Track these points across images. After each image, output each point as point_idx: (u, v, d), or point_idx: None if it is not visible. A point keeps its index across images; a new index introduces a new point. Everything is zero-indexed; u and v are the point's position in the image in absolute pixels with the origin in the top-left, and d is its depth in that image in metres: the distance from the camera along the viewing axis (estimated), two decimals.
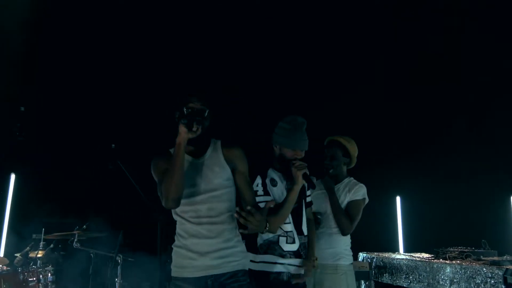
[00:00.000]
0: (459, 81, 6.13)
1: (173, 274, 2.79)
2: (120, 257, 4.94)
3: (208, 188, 2.74)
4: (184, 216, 2.76)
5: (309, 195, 3.56)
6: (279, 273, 3.16)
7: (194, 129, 2.57)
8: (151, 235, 5.86)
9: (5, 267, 4.72)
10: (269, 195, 3.22)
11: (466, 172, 5.79)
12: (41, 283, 4.75)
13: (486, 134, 5.74)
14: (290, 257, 3.21)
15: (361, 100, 6.44)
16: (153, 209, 5.74)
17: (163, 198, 2.64)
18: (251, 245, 3.19)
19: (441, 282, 4.38)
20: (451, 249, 4.71)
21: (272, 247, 3.20)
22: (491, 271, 3.99)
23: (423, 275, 4.63)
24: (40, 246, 5.05)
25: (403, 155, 5.94)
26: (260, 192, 3.23)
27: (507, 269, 3.88)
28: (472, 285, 4.10)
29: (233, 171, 2.84)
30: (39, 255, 4.97)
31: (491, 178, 5.60)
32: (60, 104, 6.19)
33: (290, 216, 3.23)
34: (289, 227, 3.24)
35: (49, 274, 4.84)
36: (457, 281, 4.23)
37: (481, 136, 5.80)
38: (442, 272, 4.40)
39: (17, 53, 5.80)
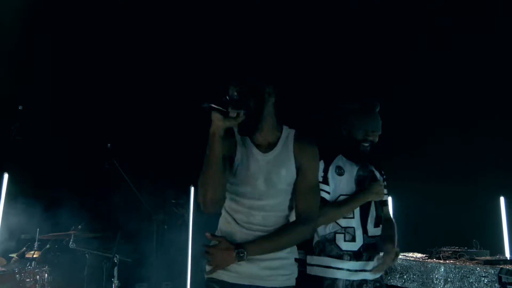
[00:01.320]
0: (450, 81, 6.17)
1: (209, 274, 2.33)
2: (116, 257, 4.94)
3: (270, 193, 2.32)
4: (234, 216, 2.37)
5: (386, 193, 3.12)
6: (334, 279, 2.76)
7: (232, 114, 2.09)
8: (148, 235, 5.90)
9: (1, 268, 4.70)
10: (327, 184, 2.84)
11: (457, 172, 5.83)
12: (38, 284, 4.72)
13: (477, 135, 5.79)
14: (350, 260, 2.78)
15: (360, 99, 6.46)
16: (150, 208, 5.77)
17: (200, 200, 2.25)
18: (307, 244, 2.94)
19: (435, 281, 4.43)
20: (445, 248, 4.78)
21: (327, 247, 2.83)
22: (484, 270, 4.05)
23: (417, 275, 4.67)
24: (36, 246, 5.02)
25: (395, 155, 5.98)
26: (319, 178, 2.73)
27: (501, 268, 3.95)
28: (466, 284, 4.16)
29: (297, 171, 2.36)
30: (35, 256, 4.95)
31: (481, 179, 5.66)
32: (55, 103, 6.16)
33: (355, 211, 2.83)
34: (350, 222, 2.83)
35: (46, 275, 4.82)
36: (451, 280, 4.29)
37: (472, 137, 5.85)
38: (436, 272, 4.45)
39: (15, 51, 5.77)
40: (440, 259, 4.57)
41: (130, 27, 6.40)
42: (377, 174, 3.05)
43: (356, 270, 2.79)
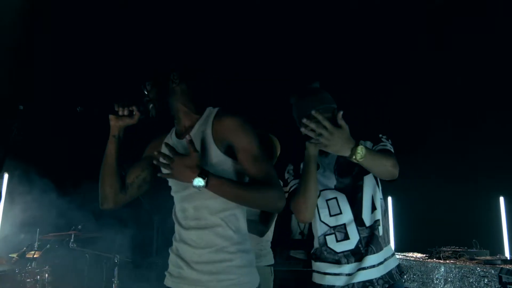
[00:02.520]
0: (450, 81, 6.17)
1: (165, 280, 2.27)
2: (117, 257, 4.93)
3: None
4: (176, 215, 2.28)
5: (382, 145, 2.62)
6: (331, 286, 2.52)
7: (123, 113, 2.23)
8: (148, 235, 5.89)
9: (1, 268, 4.71)
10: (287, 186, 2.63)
11: (456, 172, 5.83)
12: (38, 284, 4.72)
13: (477, 135, 5.79)
14: (348, 263, 2.50)
15: (362, 100, 6.48)
16: (150, 208, 5.77)
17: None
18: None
19: (435, 281, 4.44)
20: (445, 248, 4.79)
21: (323, 252, 2.59)
22: (484, 270, 4.07)
23: (418, 275, 4.69)
24: (36, 246, 5.03)
25: (396, 155, 5.98)
26: (290, 178, 2.68)
27: (502, 268, 3.96)
28: (466, 284, 4.17)
29: (230, 150, 2.14)
30: (35, 256, 4.95)
31: (481, 179, 5.66)
32: (55, 103, 6.16)
33: (342, 205, 2.56)
34: (339, 219, 2.56)
35: (46, 275, 4.82)
36: (451, 280, 4.30)
37: (472, 137, 5.85)
38: (436, 272, 4.46)
39: (15, 51, 5.77)
40: (440, 259, 4.58)
41: (130, 27, 6.40)
42: (366, 144, 2.58)
43: (355, 271, 2.49)
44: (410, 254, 5.25)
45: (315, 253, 2.65)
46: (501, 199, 5.49)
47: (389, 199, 6.53)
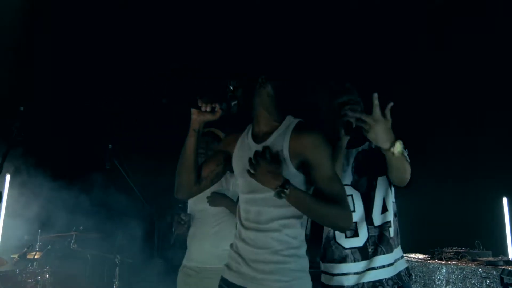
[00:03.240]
0: (451, 81, 6.16)
1: (223, 272, 2.37)
2: (118, 258, 4.92)
3: (261, 186, 2.15)
4: (240, 214, 2.37)
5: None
6: (340, 287, 2.52)
7: (206, 108, 2.27)
8: (149, 236, 5.88)
9: (3, 268, 4.69)
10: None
11: (459, 173, 5.81)
12: (39, 284, 4.71)
13: (479, 135, 5.77)
14: (354, 261, 2.52)
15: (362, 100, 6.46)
16: (152, 212, 5.76)
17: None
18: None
19: (437, 283, 4.44)
20: (447, 249, 4.78)
21: (330, 247, 2.59)
22: (486, 271, 4.06)
23: (419, 276, 4.68)
24: (37, 247, 5.02)
25: None
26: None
27: (503, 269, 3.95)
28: (468, 285, 4.17)
29: (303, 165, 2.19)
30: (36, 257, 4.94)
31: (484, 179, 5.64)
32: (56, 104, 6.16)
33: (356, 203, 2.58)
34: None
35: (47, 275, 4.81)
36: (453, 281, 4.30)
37: (474, 137, 5.83)
38: (438, 273, 4.45)
39: (15, 52, 5.76)
40: (442, 260, 4.57)
41: (130, 27, 6.38)
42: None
43: (363, 271, 2.51)
44: (412, 255, 5.24)
45: (323, 250, 2.65)
46: (505, 199, 5.47)
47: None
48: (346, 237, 2.56)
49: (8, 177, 5.44)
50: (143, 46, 6.42)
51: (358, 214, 2.57)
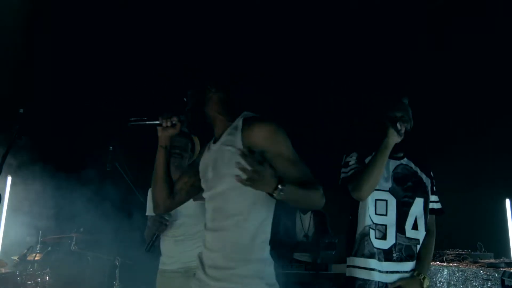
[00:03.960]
0: (451, 82, 6.15)
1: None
2: (118, 259, 4.92)
3: (216, 180, 2.19)
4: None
5: (436, 201, 3.14)
6: (366, 280, 2.81)
7: (167, 124, 2.34)
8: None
9: (3, 270, 4.69)
10: (347, 166, 2.98)
11: (462, 174, 5.79)
12: (39, 286, 4.71)
13: (483, 136, 5.75)
14: (380, 260, 2.82)
15: (361, 101, 6.46)
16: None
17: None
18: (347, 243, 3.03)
19: (438, 285, 4.42)
20: (448, 251, 4.77)
21: (362, 243, 2.87)
22: (488, 273, 4.05)
23: None
24: (37, 249, 5.02)
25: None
26: (353, 162, 2.98)
27: (504, 271, 3.94)
28: (469, 287, 4.16)
29: (261, 157, 2.10)
30: (36, 258, 4.94)
31: (487, 181, 5.63)
32: (57, 106, 6.14)
33: (389, 208, 2.88)
34: (382, 219, 2.88)
35: (47, 277, 4.81)
36: (454, 284, 4.28)
37: (477, 139, 5.82)
38: (439, 275, 4.44)
39: (15, 52, 5.75)
40: (444, 262, 4.56)
41: (131, 27, 6.36)
42: (422, 175, 3.06)
43: (387, 272, 2.82)
44: None
45: (355, 246, 2.92)
46: (507, 201, 5.46)
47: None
48: (376, 237, 2.84)
49: (9, 179, 5.43)
50: (143, 45, 6.39)
51: (389, 219, 2.87)
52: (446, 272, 4.38)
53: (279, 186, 1.90)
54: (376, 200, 2.89)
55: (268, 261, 2.18)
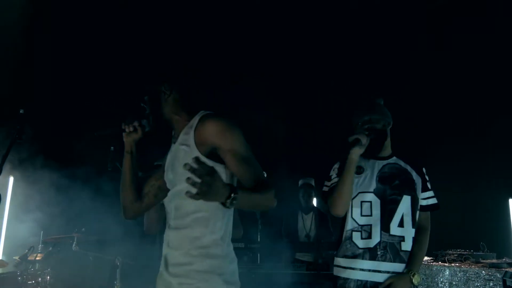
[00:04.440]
0: (451, 82, 6.14)
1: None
2: (119, 260, 4.90)
3: (174, 179, 2.24)
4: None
5: (429, 197, 3.13)
6: (346, 279, 2.89)
7: (129, 129, 2.39)
8: (151, 238, 5.83)
9: (3, 270, 4.68)
10: (329, 180, 3.04)
11: (464, 174, 5.79)
12: (40, 286, 4.69)
13: (484, 136, 5.74)
14: (363, 259, 2.87)
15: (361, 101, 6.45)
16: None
17: None
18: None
19: (440, 285, 4.42)
20: (450, 251, 4.76)
21: (345, 245, 2.96)
22: (490, 273, 4.05)
23: (422, 278, 4.66)
24: (39, 249, 5.01)
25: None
26: (334, 175, 3.03)
27: (506, 271, 3.94)
28: (471, 287, 4.16)
29: (214, 154, 2.14)
30: (37, 258, 4.93)
31: (490, 181, 5.63)
32: (58, 106, 6.13)
33: (374, 208, 2.93)
34: (368, 220, 2.92)
35: (48, 277, 4.80)
36: (456, 284, 4.28)
37: (478, 139, 5.81)
38: (441, 275, 4.44)
39: (15, 52, 5.74)
40: (445, 262, 4.56)
41: (131, 27, 6.36)
42: (412, 173, 3.06)
43: (369, 270, 2.86)
44: None
45: (340, 247, 3.00)
46: (510, 201, 5.47)
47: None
48: (361, 238, 2.90)
49: (11, 179, 5.43)
50: (143, 45, 6.39)
51: (373, 218, 2.91)
52: (448, 272, 4.38)
53: (232, 195, 1.84)
54: (361, 202, 2.95)
55: (228, 258, 2.20)
